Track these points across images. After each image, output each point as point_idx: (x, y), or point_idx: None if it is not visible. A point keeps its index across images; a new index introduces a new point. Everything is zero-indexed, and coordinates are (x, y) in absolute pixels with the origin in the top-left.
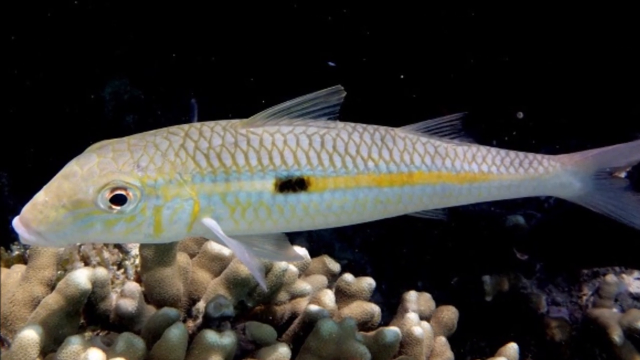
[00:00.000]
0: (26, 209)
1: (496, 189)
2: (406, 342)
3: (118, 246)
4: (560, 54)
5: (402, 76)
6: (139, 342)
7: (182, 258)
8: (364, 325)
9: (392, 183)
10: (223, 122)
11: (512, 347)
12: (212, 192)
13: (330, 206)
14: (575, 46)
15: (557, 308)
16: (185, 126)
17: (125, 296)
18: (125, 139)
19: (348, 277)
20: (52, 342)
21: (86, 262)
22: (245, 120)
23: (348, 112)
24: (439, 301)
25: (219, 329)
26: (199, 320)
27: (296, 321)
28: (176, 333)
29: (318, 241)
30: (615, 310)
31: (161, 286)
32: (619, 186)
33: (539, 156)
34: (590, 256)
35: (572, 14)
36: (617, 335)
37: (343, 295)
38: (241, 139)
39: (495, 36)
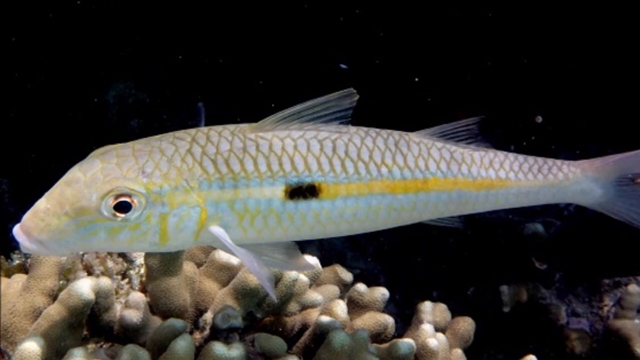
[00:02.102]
0: (27, 216)
1: (514, 196)
2: (421, 355)
3: (122, 255)
4: (580, 57)
5: (416, 79)
6: (144, 355)
7: (188, 267)
8: (377, 337)
9: (406, 190)
10: (231, 127)
11: None
12: (219, 199)
13: (342, 214)
14: (595, 49)
15: (577, 319)
16: (192, 131)
17: (130, 307)
18: (129, 144)
19: (361, 287)
20: (54, 355)
21: (89, 272)
22: (254, 124)
23: (361, 116)
24: (455, 312)
25: (227, 341)
26: (206, 331)
27: (307, 333)
28: (182, 345)
29: (329, 250)
30: (637, 321)
31: (167, 296)
32: None
33: (558, 162)
34: (612, 265)
35: (593, 16)
36: (639, 348)
37: (355, 306)
38: (250, 144)
39: (514, 37)
